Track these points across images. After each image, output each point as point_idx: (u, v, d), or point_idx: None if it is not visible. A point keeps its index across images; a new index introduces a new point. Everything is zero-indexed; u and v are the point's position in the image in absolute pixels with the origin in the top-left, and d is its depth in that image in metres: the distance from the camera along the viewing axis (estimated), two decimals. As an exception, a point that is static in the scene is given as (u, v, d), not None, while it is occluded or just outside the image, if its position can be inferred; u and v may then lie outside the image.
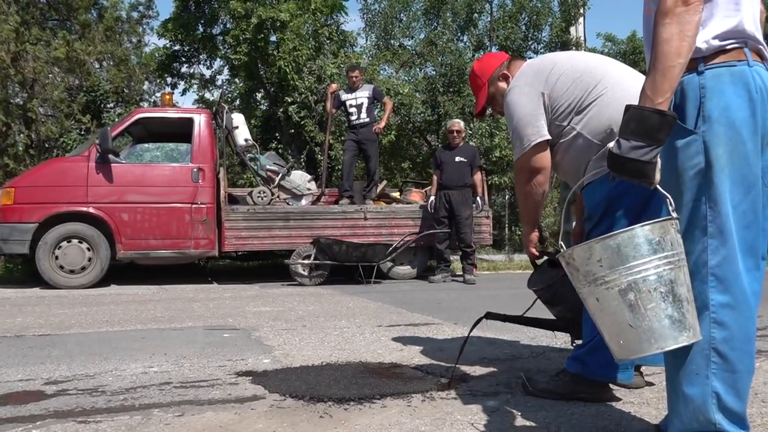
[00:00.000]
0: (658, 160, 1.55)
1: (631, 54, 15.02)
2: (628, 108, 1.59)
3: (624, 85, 2.40)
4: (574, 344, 2.77)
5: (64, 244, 7.37)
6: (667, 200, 1.60)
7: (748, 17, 1.65)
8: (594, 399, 2.42)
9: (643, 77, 1.70)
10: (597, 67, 2.49)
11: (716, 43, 1.62)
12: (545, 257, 2.70)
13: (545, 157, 2.44)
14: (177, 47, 15.21)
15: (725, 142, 1.58)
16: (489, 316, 2.83)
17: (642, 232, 1.55)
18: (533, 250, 2.60)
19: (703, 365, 1.60)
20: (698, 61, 1.61)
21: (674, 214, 1.59)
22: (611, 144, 1.61)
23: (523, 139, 2.44)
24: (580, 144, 2.40)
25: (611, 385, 2.49)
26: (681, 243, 1.58)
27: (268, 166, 8.62)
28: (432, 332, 4.04)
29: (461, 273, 8.23)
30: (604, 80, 2.42)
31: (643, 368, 2.66)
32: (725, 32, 1.62)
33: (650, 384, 2.65)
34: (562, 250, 1.68)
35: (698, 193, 1.61)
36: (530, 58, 2.66)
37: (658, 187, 1.58)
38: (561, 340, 3.55)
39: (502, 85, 2.68)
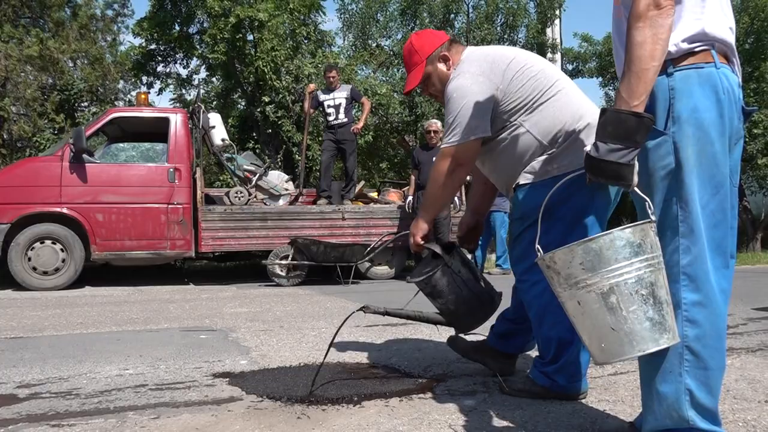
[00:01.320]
0: (636, 162, 1.56)
1: (607, 55, 15.16)
2: (604, 111, 1.60)
3: (576, 91, 2.46)
4: (456, 336, 2.88)
5: (37, 245, 7.27)
6: (647, 203, 1.61)
7: (715, 20, 1.67)
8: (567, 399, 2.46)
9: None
10: (551, 68, 2.51)
11: (684, 45, 1.64)
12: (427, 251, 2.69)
13: (476, 154, 2.43)
14: (153, 46, 15.06)
15: (694, 143, 1.61)
16: (366, 309, 2.82)
17: (624, 234, 1.56)
18: (419, 240, 2.58)
19: (676, 363, 1.63)
20: (667, 64, 1.63)
21: (653, 217, 1.60)
22: (588, 147, 1.62)
23: (465, 129, 2.35)
24: (524, 141, 2.39)
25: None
26: (659, 246, 1.60)
27: (245, 166, 8.57)
28: (410, 332, 4.05)
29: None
30: (559, 83, 2.43)
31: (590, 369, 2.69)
32: (693, 35, 1.65)
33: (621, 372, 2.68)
34: (539, 254, 1.68)
35: (669, 194, 1.64)
36: None
37: (636, 189, 1.59)
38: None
39: (441, 66, 2.58)
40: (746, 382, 2.71)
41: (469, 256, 2.81)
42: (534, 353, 2.64)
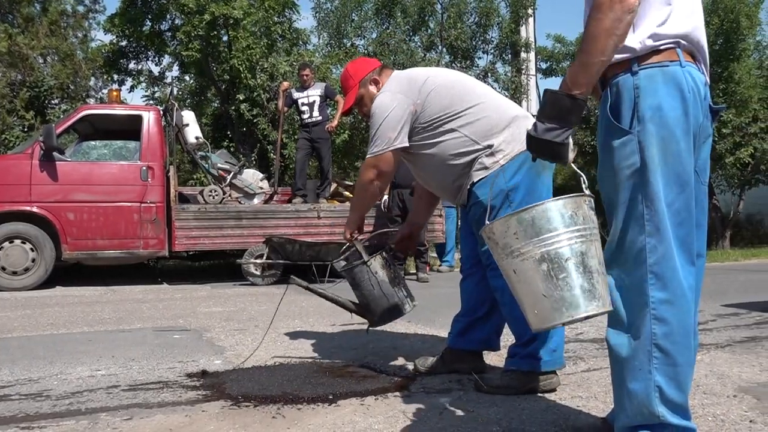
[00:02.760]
0: (570, 141, 1.62)
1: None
2: (545, 92, 1.66)
3: (497, 94, 2.74)
4: (368, 330, 3.10)
5: (6, 244, 7.13)
6: (581, 178, 1.68)
7: (682, 17, 1.69)
8: (548, 388, 2.53)
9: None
10: (469, 79, 2.81)
11: (650, 43, 1.66)
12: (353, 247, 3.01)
13: (395, 164, 2.67)
14: (124, 43, 14.86)
15: (659, 142, 1.62)
16: (292, 281, 3.13)
17: (555, 206, 1.62)
18: (348, 236, 2.93)
19: (645, 361, 1.64)
20: (632, 62, 1.65)
21: (587, 192, 1.66)
22: (530, 127, 1.67)
23: (385, 140, 2.60)
24: (461, 145, 2.59)
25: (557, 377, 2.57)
26: (594, 219, 1.65)
27: (219, 165, 8.50)
28: (385, 331, 4.05)
29: (414, 271, 8.28)
30: (479, 88, 2.71)
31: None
32: (658, 32, 1.66)
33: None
34: (485, 225, 1.74)
35: (634, 192, 1.65)
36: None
37: (573, 166, 1.67)
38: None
39: (372, 89, 2.84)
40: (715, 377, 2.76)
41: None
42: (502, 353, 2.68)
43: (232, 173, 8.42)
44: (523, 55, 14.25)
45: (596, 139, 1.79)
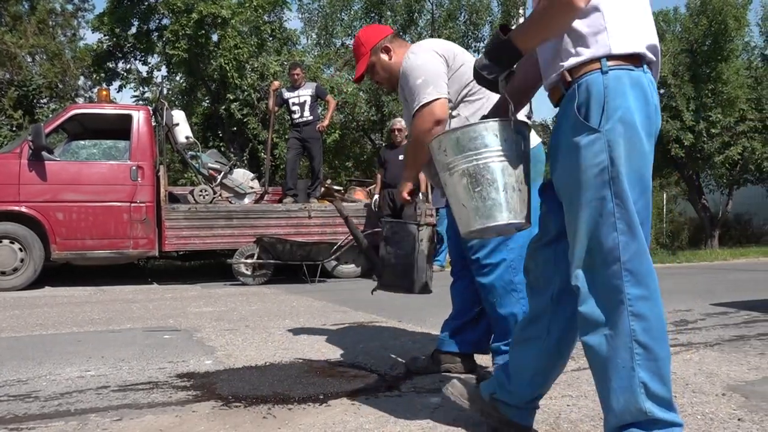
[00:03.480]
0: (502, 79, 1.81)
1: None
2: (498, 34, 1.81)
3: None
4: (373, 292, 3.03)
5: (-6, 244, 7.08)
6: (510, 107, 1.85)
7: (644, 28, 1.76)
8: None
9: None
10: None
11: (619, 45, 1.69)
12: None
13: (447, 111, 2.54)
14: (112, 42, 14.76)
15: (626, 141, 1.65)
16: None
17: (479, 127, 1.82)
18: (405, 196, 2.70)
19: (627, 358, 1.65)
20: (602, 61, 1.68)
21: (513, 117, 1.84)
22: (479, 56, 1.86)
23: (437, 88, 2.50)
24: None
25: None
26: (518, 141, 1.84)
27: (209, 164, 8.48)
28: (376, 331, 4.06)
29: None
30: None
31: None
32: (626, 38, 1.70)
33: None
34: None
35: (603, 191, 1.66)
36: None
37: (505, 94, 1.84)
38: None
39: (384, 57, 2.81)
40: (704, 375, 2.78)
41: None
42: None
43: (223, 173, 8.40)
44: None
45: (552, 137, 1.83)
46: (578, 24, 1.70)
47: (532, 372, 1.94)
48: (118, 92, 15.60)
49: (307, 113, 8.53)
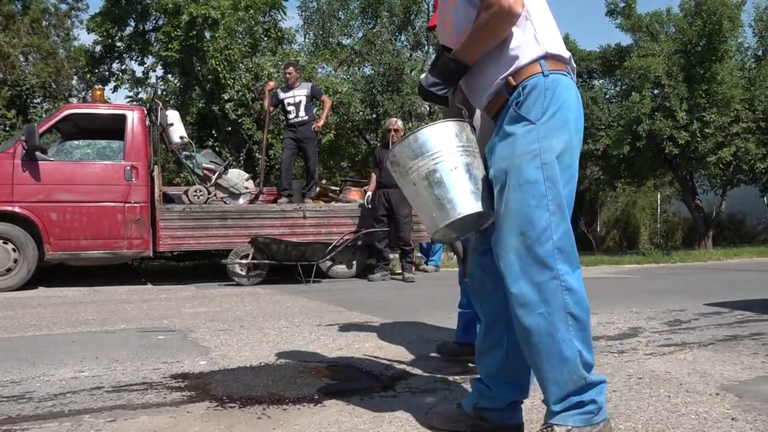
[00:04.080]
0: (450, 94, 1.99)
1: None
2: (440, 52, 1.97)
3: None
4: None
5: (-12, 245, 7.05)
6: (462, 110, 1.99)
7: (559, 35, 1.97)
8: None
9: None
10: None
11: (552, 47, 1.89)
12: None
13: None
14: (108, 42, 14.72)
15: (559, 134, 1.83)
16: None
17: (442, 126, 1.93)
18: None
19: (565, 331, 1.79)
20: (542, 64, 1.86)
21: (467, 120, 1.99)
22: (422, 75, 1.96)
23: None
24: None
25: None
26: (474, 139, 1.97)
27: (204, 164, 8.46)
28: (371, 331, 4.06)
29: (400, 271, 8.29)
30: None
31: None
32: (555, 42, 1.92)
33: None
34: (390, 152, 2.01)
35: (537, 174, 1.80)
36: None
37: (457, 104, 1.99)
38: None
39: None
40: (698, 375, 2.78)
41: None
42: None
43: (217, 173, 8.39)
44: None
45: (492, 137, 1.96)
46: (513, 31, 1.86)
47: (509, 374, 2.02)
48: (113, 92, 15.56)
49: (302, 113, 8.53)
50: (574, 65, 1.98)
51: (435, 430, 2.10)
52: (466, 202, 1.87)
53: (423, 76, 1.98)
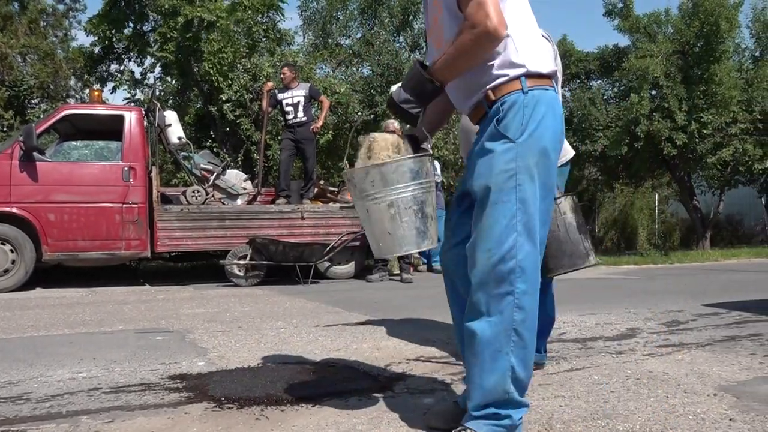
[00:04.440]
0: (422, 115, 1.97)
1: (562, 57, 15.40)
2: (415, 66, 1.94)
3: None
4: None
5: (-15, 245, 7.04)
6: (428, 141, 2.06)
7: (544, 48, 2.01)
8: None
9: None
10: None
11: (533, 65, 1.91)
12: None
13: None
14: (106, 44, 14.70)
15: (537, 153, 1.86)
16: None
17: (407, 163, 1.99)
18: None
19: (504, 343, 1.86)
20: (522, 81, 1.88)
21: (430, 151, 2.06)
22: (394, 88, 1.92)
23: None
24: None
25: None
26: (432, 173, 2.05)
27: (202, 165, 8.45)
28: (369, 332, 4.05)
29: (398, 272, 8.28)
30: None
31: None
32: (538, 58, 1.93)
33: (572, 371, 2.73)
34: (346, 170, 2.10)
35: (509, 194, 1.85)
36: None
37: (422, 128, 2.03)
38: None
39: None
40: (696, 376, 2.79)
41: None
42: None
43: (215, 174, 8.38)
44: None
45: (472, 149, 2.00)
46: (497, 48, 1.87)
47: None
48: (111, 93, 15.53)
49: (300, 114, 8.52)
50: (560, 76, 2.02)
51: (433, 431, 2.09)
52: (412, 240, 2.00)
53: (394, 88, 1.96)
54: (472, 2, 1.80)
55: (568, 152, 2.97)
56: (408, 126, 2.19)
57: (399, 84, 1.98)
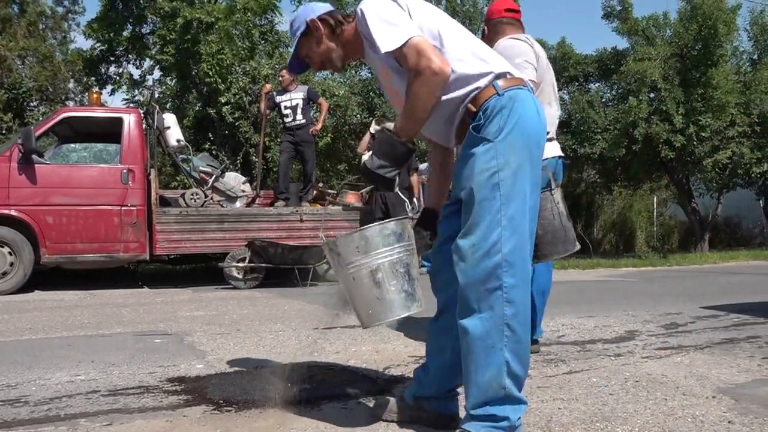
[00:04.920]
0: (397, 177, 2.00)
1: (560, 59, 15.40)
2: (381, 134, 1.99)
3: None
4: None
5: (-16, 248, 7.03)
6: (406, 203, 2.03)
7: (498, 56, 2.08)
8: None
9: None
10: None
11: (501, 69, 1.97)
12: None
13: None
14: (105, 46, 14.71)
15: (519, 149, 1.90)
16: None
17: (389, 226, 2.00)
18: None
19: (497, 339, 1.87)
20: (495, 85, 1.94)
21: (411, 214, 1.98)
22: (365, 156, 1.94)
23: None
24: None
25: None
26: (413, 236, 2.07)
27: (201, 168, 8.45)
28: (368, 334, 4.05)
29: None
30: None
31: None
32: (504, 63, 2.01)
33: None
34: (323, 240, 2.09)
35: (493, 191, 1.88)
36: None
37: (398, 192, 2.03)
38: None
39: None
40: (695, 378, 2.79)
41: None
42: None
43: (214, 176, 8.38)
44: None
45: (462, 152, 2.03)
46: (460, 69, 1.93)
47: (451, 361, 2.09)
48: (110, 95, 15.54)
49: (299, 116, 8.52)
50: (550, 76, 2.07)
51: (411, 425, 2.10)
52: (402, 303, 2.00)
53: (366, 157, 1.99)
54: (411, 54, 1.88)
55: (554, 146, 3.20)
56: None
57: (370, 152, 2.01)
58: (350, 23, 2.12)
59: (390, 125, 2.26)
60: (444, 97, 1.95)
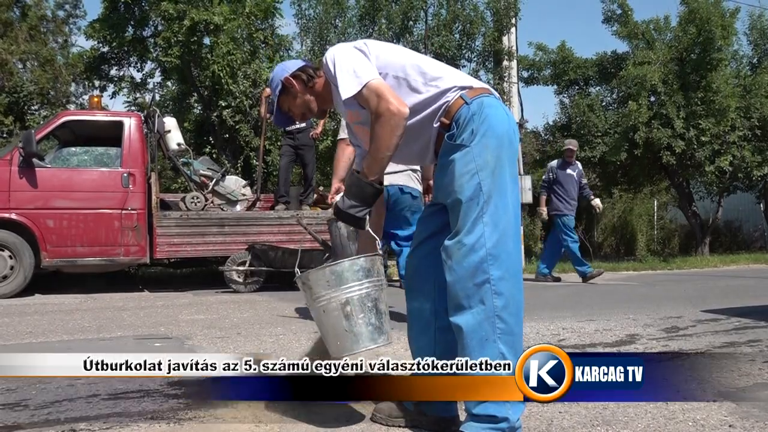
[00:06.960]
0: (368, 216, 2.07)
1: (560, 63, 15.40)
2: (351, 176, 2.09)
3: None
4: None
5: (-16, 252, 7.03)
6: (376, 241, 2.15)
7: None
8: None
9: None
10: None
11: (464, 83, 2.07)
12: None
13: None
14: (105, 49, 14.72)
15: (494, 149, 1.99)
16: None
17: (359, 262, 2.08)
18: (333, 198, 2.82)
19: (490, 331, 1.92)
20: (462, 95, 2.04)
21: (380, 251, 2.16)
22: (337, 197, 2.10)
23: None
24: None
25: None
26: (382, 272, 2.15)
27: (201, 171, 8.45)
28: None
29: (397, 278, 8.27)
30: None
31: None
32: (466, 77, 2.11)
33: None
34: (297, 275, 2.17)
35: (475, 192, 1.96)
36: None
37: (369, 229, 2.09)
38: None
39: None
40: (695, 382, 2.78)
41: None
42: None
43: (215, 180, 8.38)
44: (505, 63, 14.33)
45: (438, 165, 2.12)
46: (429, 92, 2.04)
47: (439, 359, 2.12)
48: (111, 98, 15.55)
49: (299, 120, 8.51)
50: (492, 89, 2.15)
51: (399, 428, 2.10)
52: (368, 336, 2.09)
53: (338, 198, 2.08)
54: (371, 98, 1.98)
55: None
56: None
57: (341, 194, 2.09)
58: (320, 75, 2.24)
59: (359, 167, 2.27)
60: (418, 117, 2.06)
